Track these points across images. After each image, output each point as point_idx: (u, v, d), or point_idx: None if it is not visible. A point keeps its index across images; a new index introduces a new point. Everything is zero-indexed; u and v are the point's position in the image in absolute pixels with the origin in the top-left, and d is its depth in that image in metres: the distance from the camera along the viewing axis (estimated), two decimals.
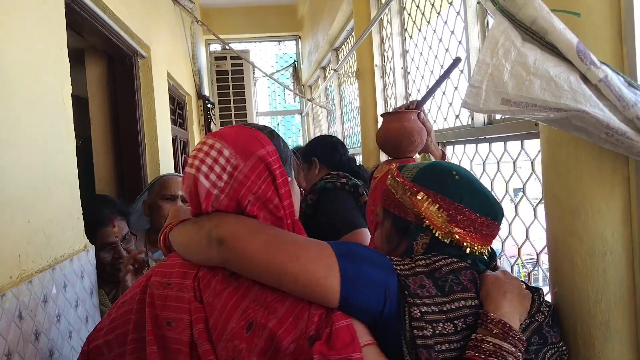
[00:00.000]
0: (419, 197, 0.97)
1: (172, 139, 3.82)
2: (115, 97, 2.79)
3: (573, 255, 1.07)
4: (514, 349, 0.85)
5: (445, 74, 1.56)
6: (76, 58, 2.65)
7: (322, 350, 0.75)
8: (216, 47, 5.96)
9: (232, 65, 5.25)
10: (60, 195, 1.34)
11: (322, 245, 0.88)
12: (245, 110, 5.35)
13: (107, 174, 2.85)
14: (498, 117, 1.70)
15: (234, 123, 5.50)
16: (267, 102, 8.42)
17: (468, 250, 0.95)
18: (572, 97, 0.91)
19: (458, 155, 2.05)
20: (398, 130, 1.48)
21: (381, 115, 2.20)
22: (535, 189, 1.51)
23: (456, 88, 2.01)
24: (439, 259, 0.93)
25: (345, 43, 4.37)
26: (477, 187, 1.00)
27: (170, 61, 3.67)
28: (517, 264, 1.76)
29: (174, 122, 4.03)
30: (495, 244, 1.13)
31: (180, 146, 4.34)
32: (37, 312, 1.13)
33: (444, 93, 2.15)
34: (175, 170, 3.69)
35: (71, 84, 1.49)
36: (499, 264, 1.07)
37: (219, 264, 0.88)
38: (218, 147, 0.91)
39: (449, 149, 2.15)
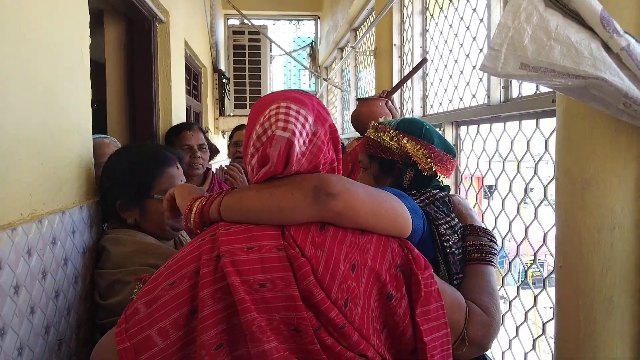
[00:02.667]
0: (405, 141, 1.28)
1: (186, 109, 3.83)
2: (132, 61, 2.80)
3: (581, 229, 1.06)
4: (494, 243, 1.22)
5: (412, 72, 1.93)
6: (96, 20, 2.66)
7: (417, 271, 0.94)
8: (234, 22, 5.94)
9: (250, 40, 5.22)
10: (73, 143, 1.35)
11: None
12: (260, 87, 5.33)
13: (119, 137, 2.87)
14: (515, 94, 1.69)
15: (248, 100, 5.51)
16: (282, 82, 8.39)
17: (440, 180, 1.29)
18: (592, 64, 0.90)
19: (472, 135, 2.03)
20: (367, 113, 2.00)
21: (356, 99, 2.53)
22: (547, 171, 1.50)
23: (474, 67, 1.99)
24: (430, 193, 1.26)
25: (365, 23, 4.33)
26: (440, 134, 1.34)
27: (188, 30, 3.66)
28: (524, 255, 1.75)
29: (188, 92, 4.03)
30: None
31: (193, 117, 4.35)
32: (45, 252, 1.15)
33: (461, 72, 2.13)
34: None
35: (89, 48, 1.49)
36: None
37: (318, 219, 0.92)
38: (304, 114, 0.95)
39: (462, 129, 2.14)
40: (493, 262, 1.19)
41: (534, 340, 1.60)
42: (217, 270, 0.86)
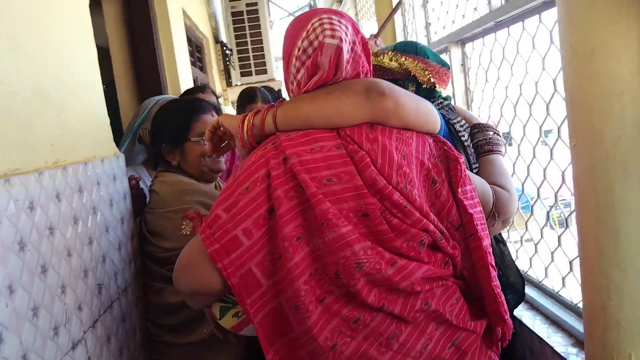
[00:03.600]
0: (403, 59, 1.37)
1: (193, 80, 3.86)
2: (133, 35, 2.82)
3: (589, 100, 1.05)
4: (498, 135, 1.36)
5: (391, 14, 2.05)
6: (93, 2, 2.68)
7: (453, 157, 1.06)
8: None
9: (247, 5, 5.17)
10: (87, 99, 1.39)
11: None
12: (263, 52, 5.29)
13: (131, 112, 2.92)
14: None
15: (253, 67, 5.49)
16: None
17: (439, 90, 1.36)
18: None
19: (478, 50, 2.00)
20: None
21: None
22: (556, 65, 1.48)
23: None
24: (439, 100, 1.36)
25: None
26: (433, 51, 1.42)
27: None
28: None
29: (193, 64, 4.05)
30: None
31: None
32: (74, 200, 1.20)
33: None
34: None
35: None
36: None
37: (370, 118, 1.01)
38: (344, 23, 1.04)
39: (468, 47, 2.11)
40: (501, 151, 1.34)
41: (563, 279, 1.59)
42: (286, 172, 0.94)
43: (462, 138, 1.29)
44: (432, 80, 1.35)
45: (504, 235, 1.52)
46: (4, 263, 0.88)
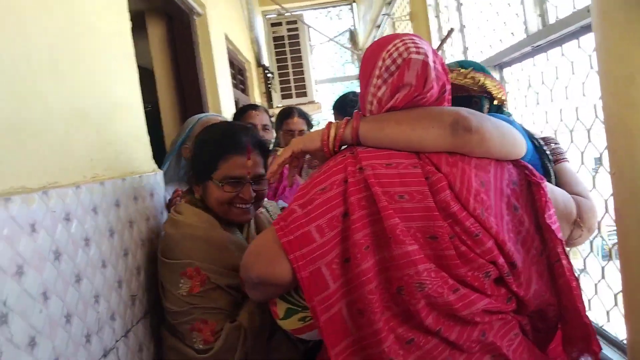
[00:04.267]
0: (478, 76, 1.36)
1: (235, 102, 3.95)
2: (176, 58, 2.94)
3: (630, 127, 1.01)
4: (559, 145, 1.36)
5: (441, 44, 1.95)
6: (138, 24, 2.82)
7: (536, 181, 1.05)
8: (272, 15, 6.04)
9: (288, 30, 5.30)
10: (127, 118, 1.45)
11: None
12: (303, 75, 5.40)
13: (173, 130, 3.02)
14: (552, 20, 1.63)
15: (293, 89, 5.59)
16: (326, 71, 8.43)
17: (503, 106, 1.37)
18: None
19: (516, 75, 1.97)
20: None
21: None
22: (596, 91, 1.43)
23: (509, 4, 1.93)
24: (512, 118, 1.35)
25: None
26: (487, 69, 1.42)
27: (228, 25, 3.78)
28: None
29: (235, 86, 4.16)
30: None
31: None
32: (110, 213, 1.24)
33: (497, 13, 2.07)
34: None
35: (135, 55, 1.58)
36: None
37: (452, 149, 1.01)
38: (425, 43, 1.08)
39: (506, 71, 2.09)
40: (567, 159, 1.35)
41: (607, 312, 1.52)
42: (361, 181, 0.97)
43: (547, 153, 1.29)
44: (503, 98, 1.38)
45: None
46: (40, 271, 0.92)
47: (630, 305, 1.10)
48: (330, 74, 8.18)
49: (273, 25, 5.37)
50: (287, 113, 2.64)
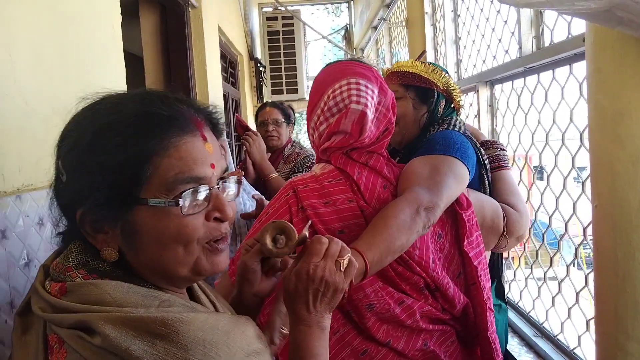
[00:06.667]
0: (444, 73, 1.40)
1: (224, 95, 3.91)
2: (167, 47, 2.88)
3: (614, 163, 1.02)
4: (504, 151, 1.42)
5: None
6: (131, 11, 2.76)
7: (460, 211, 1.14)
8: (269, 9, 5.98)
9: (284, 25, 5.26)
10: None
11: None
12: (296, 71, 5.36)
13: None
14: (547, 42, 1.62)
15: (284, 85, 5.56)
16: (318, 67, 8.41)
17: (457, 111, 1.44)
18: None
19: (506, 93, 1.97)
20: None
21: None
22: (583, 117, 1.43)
23: (505, 22, 1.93)
24: (462, 121, 1.39)
25: None
26: None
27: (222, 17, 3.73)
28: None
29: (225, 79, 4.11)
30: None
31: (232, 104, 4.44)
32: None
33: (493, 29, 2.06)
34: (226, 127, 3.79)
35: (125, 41, 1.55)
36: None
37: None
38: (371, 87, 1.11)
39: (497, 88, 2.09)
40: (509, 166, 1.40)
41: (587, 322, 1.53)
42: (304, 219, 1.05)
43: (484, 160, 1.33)
44: (461, 104, 1.43)
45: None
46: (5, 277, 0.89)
47: (602, 338, 1.10)
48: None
49: (269, 19, 5.32)
50: (260, 107, 2.76)
